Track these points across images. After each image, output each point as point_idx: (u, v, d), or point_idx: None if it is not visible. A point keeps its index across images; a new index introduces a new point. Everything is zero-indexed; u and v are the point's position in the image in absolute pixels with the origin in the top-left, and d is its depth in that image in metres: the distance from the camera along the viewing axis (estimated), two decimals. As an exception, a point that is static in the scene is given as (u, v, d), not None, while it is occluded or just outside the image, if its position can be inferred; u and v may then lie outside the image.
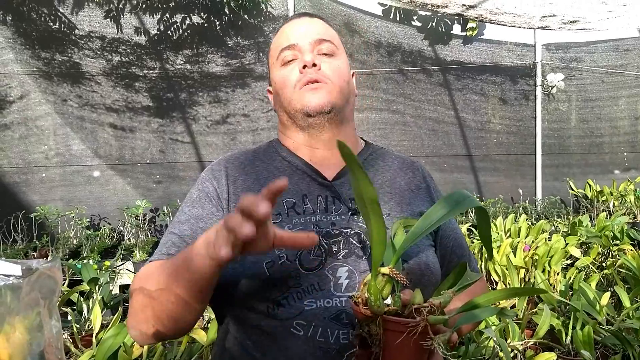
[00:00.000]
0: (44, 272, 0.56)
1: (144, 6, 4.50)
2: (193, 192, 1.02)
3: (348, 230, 0.94)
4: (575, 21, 4.61)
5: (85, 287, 2.64)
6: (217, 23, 4.71)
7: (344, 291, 0.88)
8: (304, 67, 0.99)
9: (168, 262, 0.85)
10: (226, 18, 4.71)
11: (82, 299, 2.76)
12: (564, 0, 4.13)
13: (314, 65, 0.99)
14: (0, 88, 4.27)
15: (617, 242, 3.89)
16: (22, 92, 4.32)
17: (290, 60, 1.02)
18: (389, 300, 0.74)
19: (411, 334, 0.68)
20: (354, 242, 0.93)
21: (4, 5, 4.21)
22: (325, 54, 1.02)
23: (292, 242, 0.69)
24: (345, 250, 0.92)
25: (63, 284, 3.15)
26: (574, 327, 2.40)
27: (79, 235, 4.11)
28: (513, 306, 2.84)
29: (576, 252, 3.58)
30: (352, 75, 1.10)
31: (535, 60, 5.62)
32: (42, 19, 4.33)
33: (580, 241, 3.88)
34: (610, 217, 4.41)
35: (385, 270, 0.73)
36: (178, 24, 4.61)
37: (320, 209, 0.97)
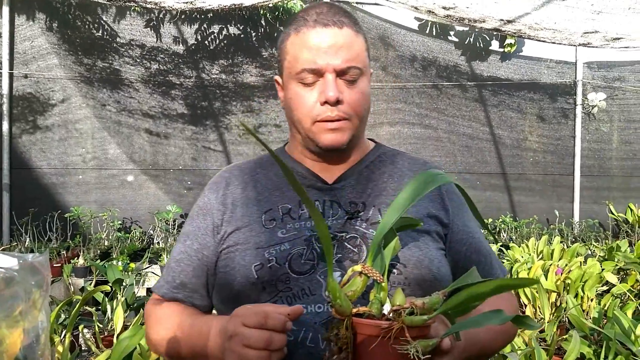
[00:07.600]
0: (31, 265, 0.56)
1: (182, 16, 4.62)
2: (196, 204, 1.07)
3: (343, 234, 0.93)
4: (619, 38, 4.45)
5: (107, 287, 2.68)
6: (253, 34, 4.78)
7: None
8: (325, 102, 0.91)
9: (185, 321, 0.93)
10: (262, 30, 4.78)
11: (106, 299, 2.81)
12: (608, 16, 4.00)
13: (337, 101, 0.91)
14: (44, 91, 4.45)
15: (658, 269, 3.69)
16: (64, 95, 4.49)
17: (311, 82, 0.93)
18: (387, 306, 0.68)
19: (386, 338, 0.61)
20: (349, 246, 0.92)
21: (51, 12, 4.40)
22: (350, 79, 0.94)
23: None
24: (339, 255, 0.91)
25: (90, 284, 3.22)
26: (606, 357, 2.28)
27: (110, 237, 4.20)
28: (542, 331, 2.73)
29: (612, 278, 3.42)
30: (369, 75, 1.01)
31: (575, 78, 5.45)
32: (86, 26, 4.50)
33: (618, 267, 3.71)
34: (651, 244, 4.21)
35: (357, 267, 0.69)
36: (215, 34, 4.71)
37: None
